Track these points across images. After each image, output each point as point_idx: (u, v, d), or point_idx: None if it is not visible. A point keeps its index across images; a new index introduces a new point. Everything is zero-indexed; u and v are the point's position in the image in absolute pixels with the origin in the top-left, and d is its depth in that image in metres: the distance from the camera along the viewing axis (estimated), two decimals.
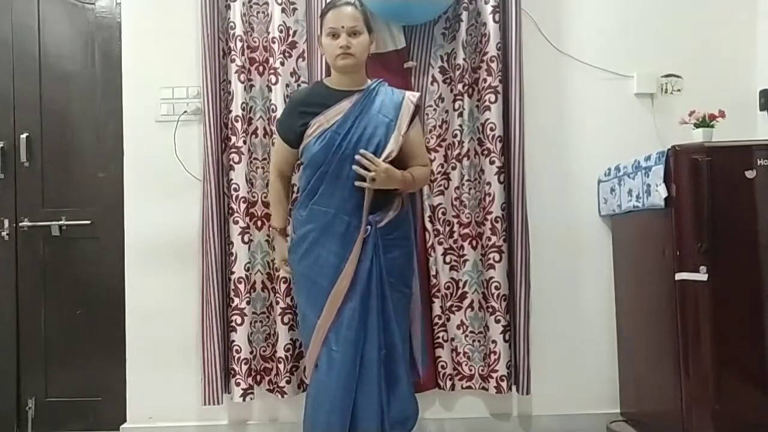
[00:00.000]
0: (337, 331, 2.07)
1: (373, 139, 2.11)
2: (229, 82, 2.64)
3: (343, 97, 2.17)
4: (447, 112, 2.65)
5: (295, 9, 2.66)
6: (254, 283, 2.63)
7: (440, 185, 2.63)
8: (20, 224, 2.85)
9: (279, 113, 2.55)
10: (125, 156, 2.77)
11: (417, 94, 2.28)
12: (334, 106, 2.16)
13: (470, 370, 2.63)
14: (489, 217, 2.58)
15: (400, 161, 2.16)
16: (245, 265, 2.60)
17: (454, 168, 2.64)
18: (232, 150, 2.62)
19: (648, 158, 2.34)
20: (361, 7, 2.24)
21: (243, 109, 2.62)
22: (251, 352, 2.61)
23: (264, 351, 2.64)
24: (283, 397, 2.60)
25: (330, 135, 2.11)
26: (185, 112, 2.73)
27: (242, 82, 2.62)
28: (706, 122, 2.46)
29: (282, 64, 2.60)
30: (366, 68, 2.29)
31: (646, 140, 2.66)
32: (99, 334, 2.82)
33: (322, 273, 2.11)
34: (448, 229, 2.65)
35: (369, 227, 2.08)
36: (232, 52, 2.63)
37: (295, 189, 2.56)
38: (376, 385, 2.04)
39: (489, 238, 2.59)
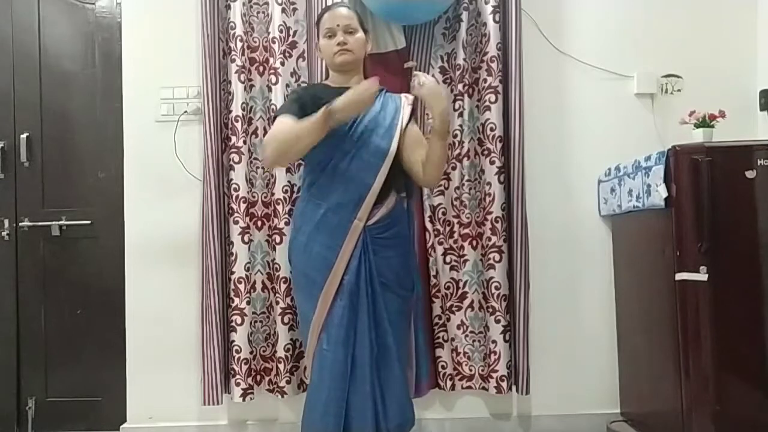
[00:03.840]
0: (328, 329, 2.06)
1: (374, 139, 2.11)
2: (229, 82, 2.64)
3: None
4: None
5: (295, 9, 2.66)
6: (254, 283, 2.63)
7: (440, 185, 2.63)
8: (20, 224, 2.85)
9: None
10: (125, 156, 2.77)
11: (411, 96, 2.26)
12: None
13: (470, 370, 2.63)
14: (489, 217, 2.58)
15: (402, 157, 2.15)
16: (245, 265, 2.60)
17: (454, 168, 2.64)
18: (232, 150, 2.62)
19: (648, 158, 2.34)
20: (355, 8, 2.25)
21: (243, 109, 2.62)
22: (251, 352, 2.61)
23: (264, 351, 2.64)
24: (283, 397, 2.60)
25: (330, 132, 2.10)
26: (185, 112, 2.74)
27: (242, 82, 2.62)
28: (706, 122, 2.47)
29: (282, 64, 2.60)
30: (366, 69, 2.28)
31: (646, 140, 2.66)
32: (99, 334, 2.82)
33: (316, 268, 2.10)
34: (448, 229, 2.65)
35: (359, 222, 2.07)
36: (232, 52, 2.63)
37: (296, 189, 2.58)
38: (369, 385, 2.02)
39: (489, 238, 2.59)
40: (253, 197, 2.64)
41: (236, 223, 2.61)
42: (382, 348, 2.07)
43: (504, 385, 2.57)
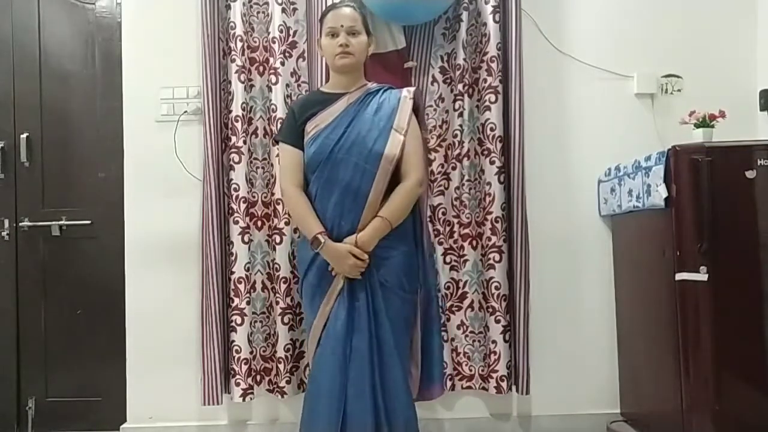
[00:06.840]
0: (327, 326, 2.08)
1: (368, 143, 2.09)
2: (230, 82, 2.64)
3: (337, 99, 2.18)
4: (447, 112, 2.66)
5: (295, 9, 2.66)
6: (254, 283, 2.63)
7: (440, 185, 2.63)
8: (20, 224, 2.85)
9: (279, 113, 2.56)
10: (125, 156, 2.77)
11: (412, 89, 2.25)
12: (328, 108, 2.16)
13: (470, 370, 2.63)
14: (489, 217, 2.58)
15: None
16: (245, 265, 2.60)
17: (454, 168, 2.64)
18: (232, 150, 2.62)
19: (648, 158, 2.34)
20: (360, 10, 2.24)
21: (243, 109, 2.62)
22: (251, 352, 2.61)
23: (264, 351, 2.64)
24: (283, 397, 2.60)
25: (322, 140, 2.11)
26: (185, 112, 2.74)
27: (242, 82, 2.62)
28: (706, 122, 2.46)
29: (282, 64, 2.60)
30: (366, 70, 2.28)
31: (646, 140, 2.66)
32: (99, 334, 2.82)
33: (321, 276, 2.12)
34: (448, 229, 2.65)
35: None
36: (233, 52, 2.63)
37: None
38: (368, 377, 2.01)
39: (489, 238, 2.59)
40: (253, 197, 2.64)
41: (236, 223, 2.61)
42: (380, 342, 2.06)
43: (504, 385, 2.56)
